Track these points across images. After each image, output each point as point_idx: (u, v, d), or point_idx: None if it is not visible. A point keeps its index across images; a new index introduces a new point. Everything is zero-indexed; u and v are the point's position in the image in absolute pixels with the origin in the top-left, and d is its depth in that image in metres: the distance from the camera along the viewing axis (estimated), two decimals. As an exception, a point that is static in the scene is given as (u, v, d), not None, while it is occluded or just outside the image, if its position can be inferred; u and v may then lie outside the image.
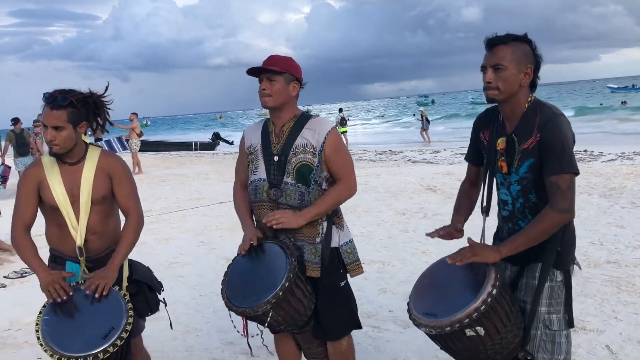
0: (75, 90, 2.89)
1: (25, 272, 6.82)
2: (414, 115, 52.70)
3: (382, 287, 5.48)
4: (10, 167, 14.37)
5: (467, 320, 2.28)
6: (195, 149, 32.87)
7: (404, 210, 9.13)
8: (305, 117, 3.05)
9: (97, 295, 2.77)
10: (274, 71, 2.94)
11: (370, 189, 11.61)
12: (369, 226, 8.27)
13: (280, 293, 2.75)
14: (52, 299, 2.76)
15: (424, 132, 28.08)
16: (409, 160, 17.91)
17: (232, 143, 34.66)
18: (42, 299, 2.86)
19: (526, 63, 2.47)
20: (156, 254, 7.50)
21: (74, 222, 2.90)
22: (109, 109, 3.00)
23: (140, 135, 18.41)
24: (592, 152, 16.01)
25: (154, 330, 4.52)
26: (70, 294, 2.79)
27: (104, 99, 2.96)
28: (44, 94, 2.83)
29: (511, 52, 2.45)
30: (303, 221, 2.92)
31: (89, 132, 3.07)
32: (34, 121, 15.12)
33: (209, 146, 33.60)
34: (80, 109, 2.85)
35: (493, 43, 2.48)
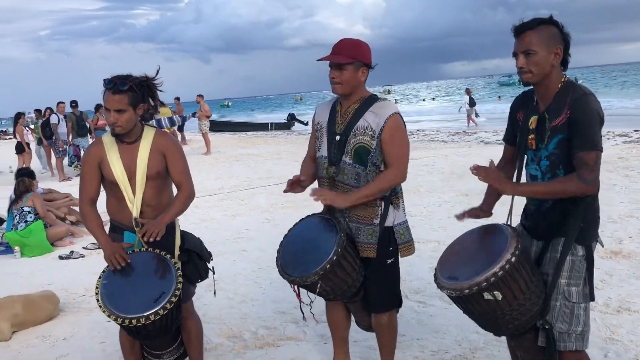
0: (132, 75, 3.16)
1: (103, 244, 7.34)
2: (499, 97, 51.23)
3: (434, 265, 5.52)
4: (78, 146, 15.18)
5: (484, 283, 2.44)
6: (271, 129, 33.44)
7: (467, 191, 9.11)
8: (372, 99, 3.15)
9: (151, 239, 3.04)
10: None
11: (436, 170, 11.61)
12: (430, 206, 8.34)
13: (328, 266, 2.94)
14: (112, 268, 3.07)
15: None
16: (482, 141, 17.63)
17: (306, 124, 34.95)
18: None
19: (555, 44, 2.54)
20: (223, 229, 7.88)
21: (131, 196, 3.18)
22: (160, 91, 3.26)
23: (208, 116, 18.97)
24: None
25: (213, 299, 4.84)
26: (128, 260, 3.09)
27: (155, 82, 3.22)
28: (104, 80, 3.11)
29: (538, 36, 2.53)
30: (348, 204, 3.05)
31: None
32: None
33: (285, 126, 34.09)
34: (138, 92, 3.12)
35: (520, 30, 2.57)
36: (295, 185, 3.20)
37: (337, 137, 3.13)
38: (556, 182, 2.53)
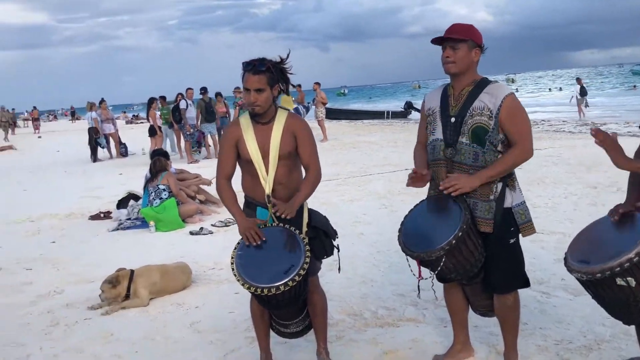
0: (266, 58, 3.34)
1: (229, 222, 7.73)
2: (634, 86, 48.18)
3: (558, 256, 5.38)
4: (203, 133, 15.97)
5: (618, 268, 2.40)
6: (387, 117, 33.39)
7: (595, 183, 8.73)
8: (485, 82, 3.21)
9: (283, 216, 3.23)
10: (457, 39, 3.14)
11: (562, 160, 11.17)
12: (555, 198, 8.07)
13: (454, 241, 3.00)
14: (247, 243, 3.27)
15: None
16: (613, 133, 16.67)
17: (424, 112, 34.58)
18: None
19: None
20: (341, 213, 8.04)
21: (264, 174, 3.37)
22: (290, 73, 3.42)
23: (325, 103, 19.29)
24: None
25: (335, 278, 5.00)
26: (264, 239, 3.27)
27: (284, 66, 3.38)
28: (243, 63, 3.32)
29: None
30: (478, 183, 3.09)
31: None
32: (235, 88, 16.67)
33: (401, 115, 33.91)
34: (274, 73, 3.31)
35: None
36: (417, 180, 3.28)
37: (453, 119, 3.18)
38: None
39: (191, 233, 7.50)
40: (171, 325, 4.51)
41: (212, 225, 7.77)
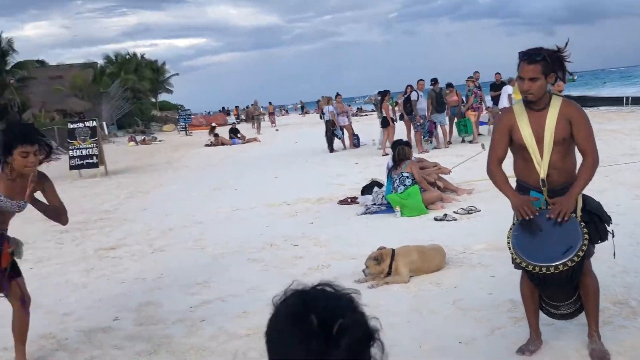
0: (543, 47, 3.47)
1: (472, 210, 7.90)
2: None
3: None
4: (435, 123, 16.25)
5: None
6: (627, 104, 30.67)
7: None
8: None
9: (559, 220, 3.34)
10: None
11: None
12: None
13: None
14: (520, 217, 3.45)
15: None
16: None
17: (672, 97, 31.20)
18: (484, 231, 3.60)
19: None
20: (589, 204, 7.75)
21: (538, 159, 3.51)
22: (568, 61, 3.50)
23: (560, 91, 18.43)
24: None
25: (595, 265, 4.92)
26: (536, 214, 3.43)
27: (563, 54, 3.47)
28: (519, 52, 3.49)
29: None
30: None
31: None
32: (468, 77, 16.73)
33: (644, 101, 30.94)
34: (549, 63, 3.44)
35: None
36: None
37: None
38: None
39: (435, 219, 7.78)
40: (434, 302, 4.83)
41: (454, 212, 7.99)
